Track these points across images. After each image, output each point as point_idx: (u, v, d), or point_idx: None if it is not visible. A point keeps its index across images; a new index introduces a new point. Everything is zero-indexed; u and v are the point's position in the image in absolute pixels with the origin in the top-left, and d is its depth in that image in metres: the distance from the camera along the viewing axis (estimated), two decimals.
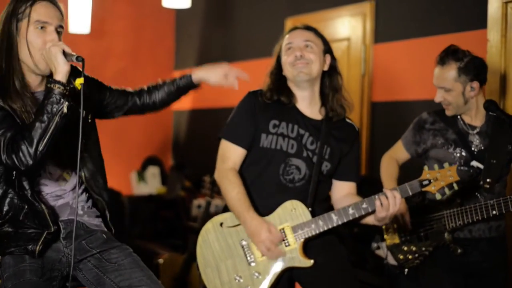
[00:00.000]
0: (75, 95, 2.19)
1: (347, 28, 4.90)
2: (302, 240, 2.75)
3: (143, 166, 6.80)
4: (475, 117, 3.07)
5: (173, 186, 6.38)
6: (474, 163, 3.00)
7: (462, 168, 3.01)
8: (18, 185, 2.24)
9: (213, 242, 2.84)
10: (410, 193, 2.68)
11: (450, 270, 3.00)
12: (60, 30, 2.30)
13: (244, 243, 2.81)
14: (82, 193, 2.44)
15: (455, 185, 2.68)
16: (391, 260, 3.15)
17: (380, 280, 3.77)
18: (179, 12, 7.07)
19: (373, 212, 2.69)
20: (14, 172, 2.20)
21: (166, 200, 6.41)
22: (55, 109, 2.09)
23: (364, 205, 2.70)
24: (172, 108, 7.17)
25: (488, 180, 2.94)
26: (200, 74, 2.79)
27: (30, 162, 2.08)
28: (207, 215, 4.79)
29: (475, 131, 3.05)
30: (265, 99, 2.90)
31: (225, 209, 2.94)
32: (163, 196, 6.52)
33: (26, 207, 2.25)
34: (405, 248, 3.09)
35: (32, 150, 2.07)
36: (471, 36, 3.20)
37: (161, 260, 4.76)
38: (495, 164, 2.97)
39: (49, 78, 2.18)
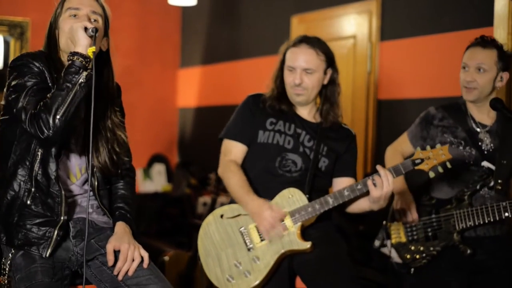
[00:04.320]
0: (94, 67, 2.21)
1: (353, 25, 4.89)
2: (299, 223, 2.83)
3: (149, 163, 6.81)
4: (487, 115, 3.05)
5: (179, 183, 6.39)
6: (485, 164, 2.98)
7: (472, 168, 2.99)
8: (42, 164, 2.25)
9: (214, 233, 2.92)
10: (403, 172, 2.75)
11: (455, 268, 2.99)
12: (95, 17, 2.34)
13: (243, 229, 2.88)
14: (91, 190, 2.43)
15: (448, 163, 2.73)
16: (396, 258, 3.14)
17: (385, 278, 3.77)
18: (185, 10, 7.07)
19: (368, 193, 2.76)
20: (39, 152, 2.24)
21: (171, 197, 6.41)
22: (74, 79, 2.13)
23: (359, 186, 2.78)
24: (177, 106, 7.18)
25: (499, 181, 2.93)
26: (116, 229, 2.40)
27: (49, 130, 2.10)
28: None
29: (485, 130, 3.03)
30: (267, 106, 3.01)
31: (230, 204, 3.01)
32: (168, 194, 6.53)
33: (33, 189, 2.26)
34: (412, 248, 3.08)
35: (50, 118, 2.09)
36: (477, 34, 3.19)
37: (166, 258, 4.76)
38: (505, 165, 2.95)
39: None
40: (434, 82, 4.26)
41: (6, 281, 2.31)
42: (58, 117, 2.10)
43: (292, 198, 2.85)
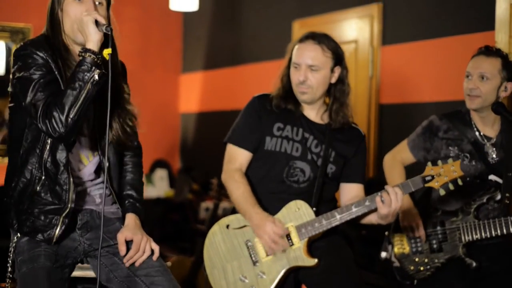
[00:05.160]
0: (106, 65, 2.20)
1: (355, 30, 4.89)
2: (306, 239, 2.76)
3: (151, 169, 6.82)
4: (491, 127, 3.01)
5: (181, 189, 6.39)
6: (492, 177, 2.95)
7: (477, 180, 2.96)
8: (51, 152, 2.25)
9: (220, 244, 2.87)
10: (413, 189, 2.67)
11: (459, 275, 2.96)
12: (101, 0, 2.32)
13: (249, 243, 2.82)
14: (101, 180, 2.43)
15: (459, 180, 2.65)
16: (397, 263, 3.11)
17: (388, 282, 3.75)
18: (186, 15, 7.08)
19: (376, 209, 2.68)
20: (48, 140, 2.24)
21: (174, 203, 6.41)
22: (86, 77, 2.12)
23: (367, 203, 2.70)
24: (179, 111, 7.18)
25: (507, 194, 2.90)
26: (127, 221, 2.43)
27: (62, 129, 2.10)
28: (215, 218, 4.79)
29: (490, 142, 3.01)
30: (274, 107, 2.91)
31: (233, 212, 2.96)
32: (171, 199, 6.53)
33: (43, 177, 2.26)
34: (417, 259, 3.04)
35: (63, 117, 2.09)
36: (479, 38, 3.20)
37: (169, 263, 4.75)
38: (511, 177, 2.93)
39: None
40: (436, 86, 4.25)
41: (8, 285, 2.33)
42: (71, 116, 2.10)
43: (298, 211, 2.78)
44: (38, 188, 2.26)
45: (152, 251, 2.38)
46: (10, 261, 2.34)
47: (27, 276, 2.20)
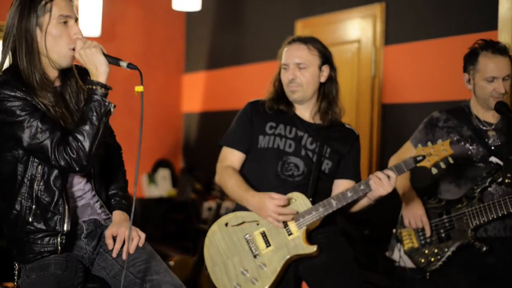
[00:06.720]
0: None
1: (358, 30, 4.90)
2: (304, 227, 2.82)
3: (153, 168, 6.82)
4: (492, 114, 3.05)
5: (184, 188, 6.39)
6: (493, 159, 2.98)
7: (479, 165, 2.99)
8: (44, 181, 2.26)
9: (219, 242, 2.92)
10: (405, 170, 2.75)
11: (466, 272, 2.97)
12: (78, 22, 2.35)
13: (248, 237, 2.86)
14: (94, 190, 2.46)
15: (450, 159, 2.72)
16: (408, 263, 3.12)
17: (391, 282, 3.76)
18: (189, 15, 7.09)
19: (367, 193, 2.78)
20: (39, 169, 2.24)
21: (176, 202, 6.42)
22: (103, 110, 2.18)
23: (362, 187, 2.78)
24: (182, 111, 7.18)
25: (508, 175, 2.92)
26: (113, 218, 2.49)
27: (85, 162, 2.17)
28: (217, 218, 4.79)
29: (491, 127, 3.03)
30: (266, 109, 3.02)
31: (235, 211, 2.98)
32: (173, 199, 6.53)
33: (33, 207, 2.26)
34: (426, 251, 3.06)
35: (87, 152, 2.16)
36: (482, 38, 3.19)
37: (171, 263, 4.76)
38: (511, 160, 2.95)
39: (87, 78, 2.26)
40: (438, 86, 4.25)
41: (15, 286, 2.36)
42: (93, 150, 2.18)
43: (295, 202, 2.83)
44: (30, 218, 2.26)
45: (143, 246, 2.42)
46: (15, 269, 2.37)
47: (37, 282, 2.22)
